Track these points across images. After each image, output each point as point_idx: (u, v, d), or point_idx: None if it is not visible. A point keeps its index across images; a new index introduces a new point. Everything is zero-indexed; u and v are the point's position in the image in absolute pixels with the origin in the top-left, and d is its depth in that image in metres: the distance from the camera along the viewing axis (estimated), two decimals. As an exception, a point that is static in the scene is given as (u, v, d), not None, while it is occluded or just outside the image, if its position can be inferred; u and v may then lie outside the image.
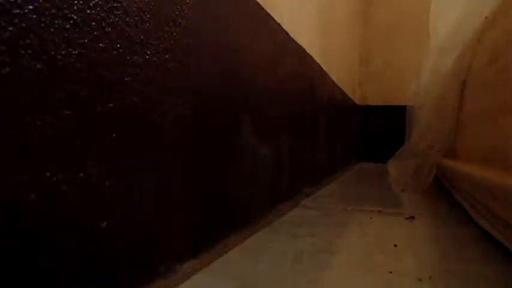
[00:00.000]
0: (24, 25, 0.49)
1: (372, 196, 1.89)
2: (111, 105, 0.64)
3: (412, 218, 1.36)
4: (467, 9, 1.77)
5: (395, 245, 1.02)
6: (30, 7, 0.49)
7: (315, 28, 2.08)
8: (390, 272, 0.83)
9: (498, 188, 0.90)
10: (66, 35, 0.55)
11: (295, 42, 1.68)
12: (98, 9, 0.61)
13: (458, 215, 1.39)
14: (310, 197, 1.78)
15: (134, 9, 0.69)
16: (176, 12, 0.81)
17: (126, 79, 0.67)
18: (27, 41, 0.49)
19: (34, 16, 0.50)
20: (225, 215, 1.06)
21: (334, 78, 2.62)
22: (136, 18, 0.69)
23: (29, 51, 0.50)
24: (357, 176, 2.88)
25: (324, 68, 2.29)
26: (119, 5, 0.65)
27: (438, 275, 0.81)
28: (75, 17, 0.56)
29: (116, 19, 0.65)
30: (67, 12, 0.55)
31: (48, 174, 0.52)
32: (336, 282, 0.78)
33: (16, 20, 0.48)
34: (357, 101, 3.94)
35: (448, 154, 1.85)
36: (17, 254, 0.49)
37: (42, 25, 0.51)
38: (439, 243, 1.07)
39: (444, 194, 1.83)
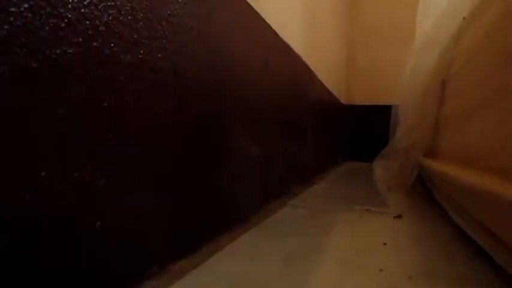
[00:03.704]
0: (20, 23, 0.48)
1: (359, 195, 1.90)
2: (106, 104, 0.64)
3: (399, 216, 1.38)
4: (447, 9, 1.79)
5: (385, 243, 1.03)
6: (26, 5, 0.49)
7: (302, 28, 2.09)
8: (381, 270, 0.84)
9: (472, 188, 0.91)
10: (61, 33, 0.54)
11: (284, 42, 1.69)
12: (92, 7, 0.60)
13: (443, 214, 1.41)
14: (299, 197, 1.79)
15: (128, 8, 0.68)
16: (168, 11, 0.81)
17: (120, 78, 0.67)
18: (23, 40, 0.49)
19: (30, 14, 0.49)
20: (216, 214, 1.06)
21: (320, 77, 2.64)
22: (129, 17, 0.69)
23: (25, 50, 0.49)
24: (343, 175, 2.90)
25: (311, 67, 2.30)
26: (112, 3, 0.65)
27: (428, 273, 0.83)
28: (69, 16, 0.56)
29: (110, 18, 0.64)
30: (62, 10, 0.54)
31: (43, 174, 0.52)
32: (327, 281, 0.79)
33: (12, 18, 0.47)
34: (343, 101, 3.97)
35: (429, 153, 1.88)
36: (12, 254, 0.48)
37: (38, 23, 0.51)
38: (429, 241, 1.09)
39: (428, 192, 1.86)
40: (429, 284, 0.78)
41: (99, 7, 0.62)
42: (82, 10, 0.58)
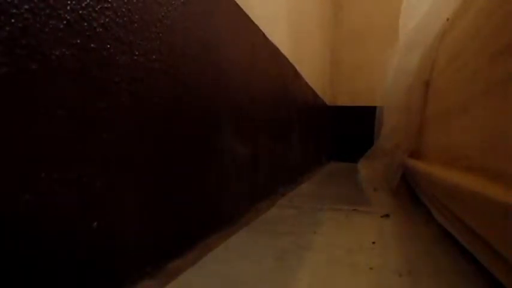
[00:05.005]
0: (20, 25, 0.48)
1: (346, 195, 1.93)
2: (103, 105, 0.64)
3: (387, 216, 1.40)
4: (430, 10, 1.82)
5: (373, 242, 1.06)
6: (26, 7, 0.49)
7: (288, 30, 2.11)
8: (371, 268, 0.86)
9: (456, 188, 0.93)
10: (60, 35, 0.55)
11: (272, 43, 1.70)
12: (90, 9, 0.61)
13: (428, 214, 1.44)
14: (286, 197, 1.81)
15: (123, 9, 0.69)
16: (162, 13, 0.82)
17: (115, 79, 0.67)
18: (23, 41, 0.49)
19: (30, 16, 0.50)
20: (207, 215, 1.06)
21: (306, 78, 2.66)
22: (125, 19, 0.69)
23: (25, 52, 0.49)
24: (329, 175, 2.93)
25: (297, 68, 2.32)
26: (109, 5, 0.65)
27: (417, 270, 0.85)
28: (68, 17, 0.56)
29: (107, 20, 0.65)
30: (61, 12, 0.55)
31: (43, 174, 0.52)
32: (319, 279, 0.80)
33: (13, 20, 0.47)
34: (327, 102, 4.00)
35: (413, 154, 1.90)
36: (13, 254, 0.49)
37: (38, 25, 0.51)
38: (415, 241, 1.11)
39: (413, 192, 1.90)
40: (418, 281, 0.80)
41: (96, 9, 0.62)
42: (80, 12, 0.58)
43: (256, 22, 1.46)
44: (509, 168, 0.69)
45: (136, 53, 0.73)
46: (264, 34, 1.57)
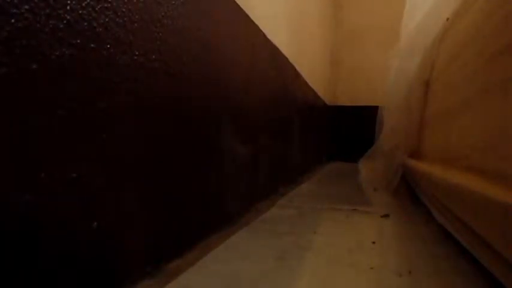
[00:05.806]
0: (20, 25, 0.48)
1: (346, 195, 1.93)
2: (103, 105, 0.64)
3: (386, 216, 1.40)
4: (431, 10, 1.82)
5: (374, 242, 1.06)
6: (26, 7, 0.49)
7: (288, 29, 2.11)
8: (371, 268, 0.86)
9: (455, 188, 0.93)
10: (60, 35, 0.55)
11: (272, 43, 1.70)
12: (90, 9, 0.61)
13: (427, 214, 1.44)
14: (286, 197, 1.80)
15: (124, 9, 0.69)
16: (162, 13, 0.82)
17: (115, 79, 0.67)
18: (23, 41, 0.49)
19: (30, 16, 0.50)
20: (207, 215, 1.06)
21: (306, 78, 2.66)
22: (125, 19, 0.69)
23: (25, 52, 0.49)
24: (329, 175, 2.93)
25: (297, 68, 2.32)
26: (109, 5, 0.65)
27: (417, 270, 0.85)
28: (68, 17, 0.56)
29: (107, 19, 0.65)
30: (61, 12, 0.55)
31: (43, 175, 0.52)
32: (319, 279, 0.80)
33: (13, 20, 0.47)
34: (327, 102, 4.00)
35: (413, 154, 1.90)
36: (13, 254, 0.49)
37: (38, 25, 0.51)
38: (415, 241, 1.11)
39: (413, 192, 1.89)
40: (418, 281, 0.80)
41: (96, 9, 0.62)
42: (80, 12, 0.58)
43: (257, 22, 1.46)
44: (509, 168, 0.69)
45: (136, 53, 0.73)
46: (264, 34, 1.57)
